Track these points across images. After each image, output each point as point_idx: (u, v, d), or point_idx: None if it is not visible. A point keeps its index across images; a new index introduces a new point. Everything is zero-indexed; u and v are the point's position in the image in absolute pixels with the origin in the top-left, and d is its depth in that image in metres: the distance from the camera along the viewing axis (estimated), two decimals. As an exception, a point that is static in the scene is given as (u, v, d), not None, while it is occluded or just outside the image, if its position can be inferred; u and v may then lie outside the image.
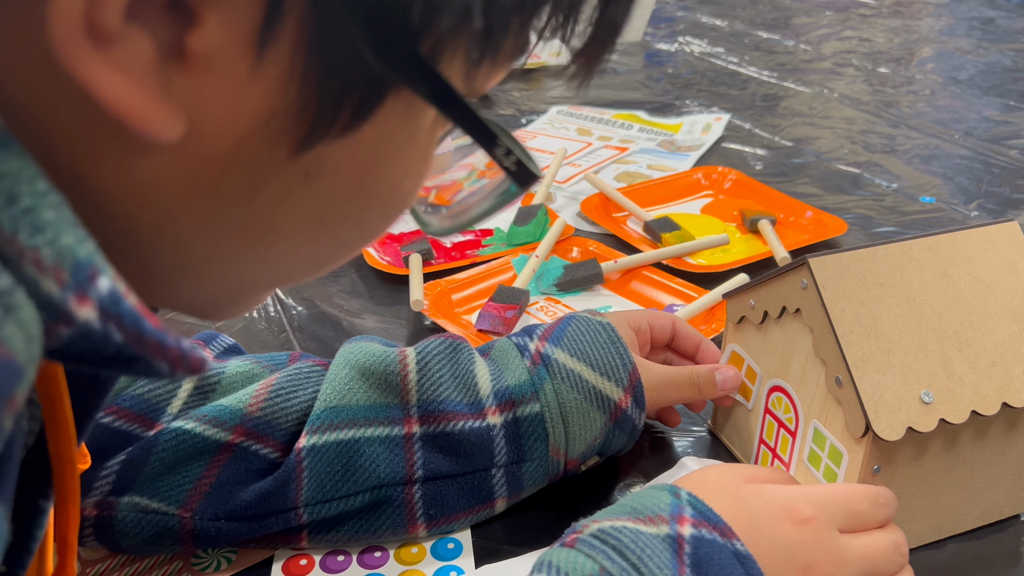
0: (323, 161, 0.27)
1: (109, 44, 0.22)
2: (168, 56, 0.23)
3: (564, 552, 0.41)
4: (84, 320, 0.22)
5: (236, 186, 0.26)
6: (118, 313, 0.22)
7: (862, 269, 0.51)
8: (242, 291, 0.33)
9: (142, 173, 0.25)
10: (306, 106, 0.25)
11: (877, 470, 0.50)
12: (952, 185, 1.07)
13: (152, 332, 0.23)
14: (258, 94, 0.24)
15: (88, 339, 0.22)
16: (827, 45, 1.67)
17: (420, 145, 0.30)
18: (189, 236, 0.27)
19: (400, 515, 0.53)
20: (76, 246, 0.22)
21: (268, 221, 0.28)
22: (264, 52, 0.24)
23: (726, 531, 0.42)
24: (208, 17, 0.22)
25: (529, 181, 0.31)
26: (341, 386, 0.53)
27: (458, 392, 0.54)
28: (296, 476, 0.51)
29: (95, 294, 0.22)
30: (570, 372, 0.55)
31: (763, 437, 0.59)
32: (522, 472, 0.55)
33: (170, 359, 0.23)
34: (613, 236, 0.92)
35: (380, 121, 0.27)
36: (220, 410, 0.52)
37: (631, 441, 0.58)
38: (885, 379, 0.48)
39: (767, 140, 1.21)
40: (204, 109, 0.24)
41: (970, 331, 0.51)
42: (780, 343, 0.55)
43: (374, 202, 0.30)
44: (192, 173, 0.25)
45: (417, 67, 0.26)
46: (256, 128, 0.25)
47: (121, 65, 0.22)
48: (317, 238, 0.30)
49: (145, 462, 0.50)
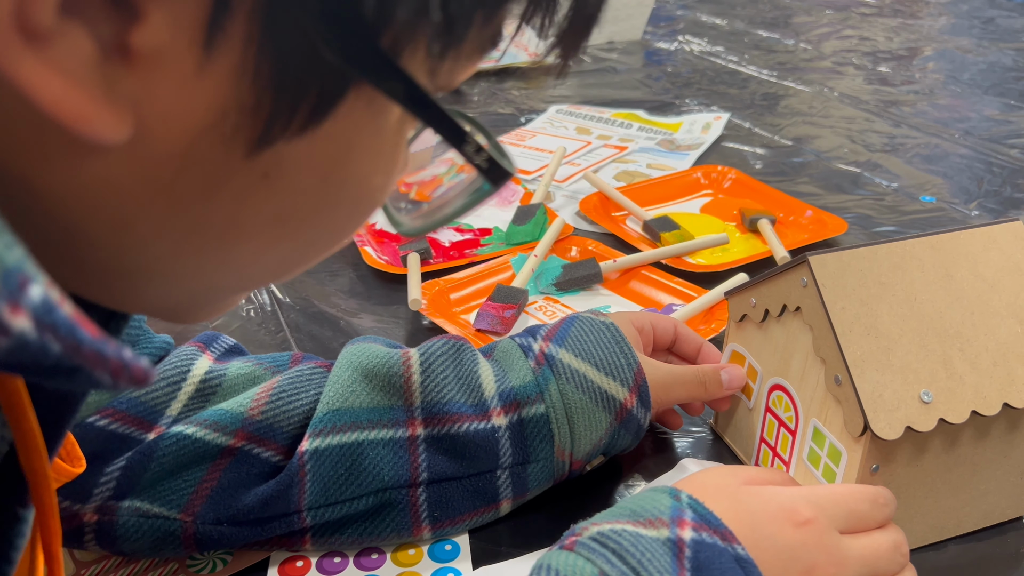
0: (282, 160, 0.26)
1: (43, 42, 0.20)
2: (111, 54, 0.22)
3: (563, 555, 0.41)
4: (20, 330, 0.20)
5: (192, 186, 0.25)
6: (52, 322, 0.21)
7: (863, 268, 0.50)
8: (209, 294, 0.32)
9: (92, 174, 0.24)
10: (260, 103, 0.24)
11: (876, 469, 0.49)
12: (952, 184, 1.07)
13: (90, 342, 0.22)
14: (209, 91, 0.23)
15: (26, 350, 0.21)
16: (827, 44, 1.67)
17: (387, 142, 0.29)
18: (147, 238, 0.26)
19: (404, 518, 0.52)
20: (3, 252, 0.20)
21: (229, 222, 0.27)
22: (212, 47, 0.22)
23: (727, 535, 0.41)
24: (152, 12, 0.21)
25: (502, 179, 0.30)
26: (344, 388, 0.52)
27: (462, 393, 0.54)
28: (299, 479, 0.50)
29: (27, 303, 0.20)
30: (575, 372, 0.55)
31: (764, 436, 0.58)
32: (527, 473, 0.55)
33: (111, 370, 0.22)
34: (612, 235, 0.92)
35: (341, 118, 0.26)
36: (221, 414, 0.51)
37: (636, 441, 0.58)
38: (884, 378, 0.48)
39: (767, 139, 1.21)
40: (153, 108, 0.23)
41: (972, 331, 0.51)
42: (781, 341, 0.55)
43: (341, 201, 0.29)
44: (145, 173, 0.24)
45: (376, 62, 0.24)
46: (209, 126, 0.24)
47: (58, 64, 0.21)
48: (283, 239, 0.29)
49: (146, 467, 0.50)
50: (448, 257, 0.87)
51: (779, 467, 0.57)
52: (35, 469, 0.31)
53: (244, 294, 0.34)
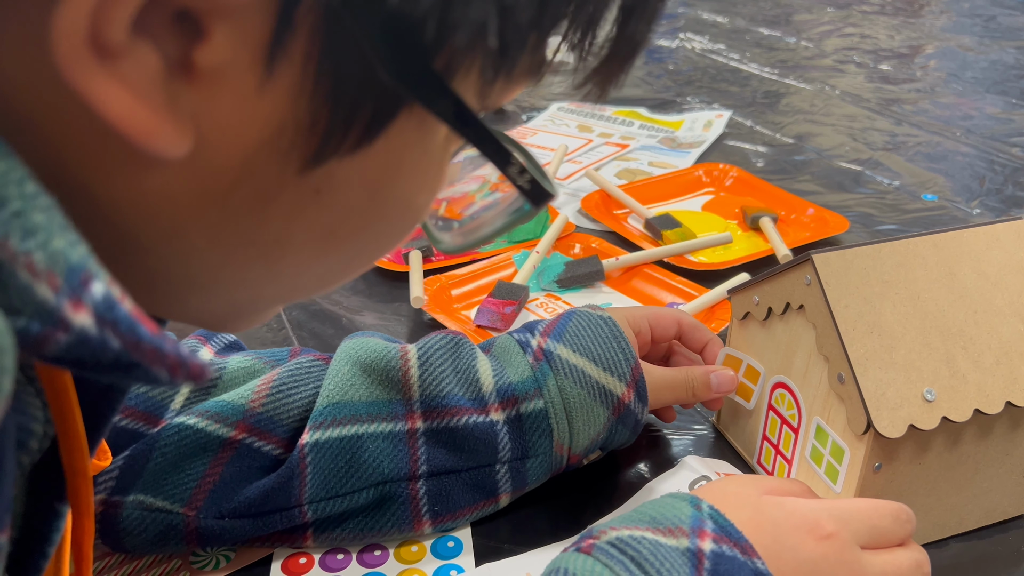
0: (334, 177, 0.26)
1: (114, 58, 0.21)
2: (175, 70, 0.23)
3: (580, 559, 0.40)
4: (80, 326, 0.21)
5: (245, 200, 0.26)
6: (113, 319, 0.21)
7: (866, 266, 0.50)
8: (252, 305, 0.33)
9: (150, 186, 0.25)
10: (316, 121, 0.24)
11: (878, 467, 0.49)
12: (954, 183, 1.07)
13: (149, 339, 0.22)
14: (267, 108, 0.24)
15: (86, 345, 0.21)
16: (829, 42, 1.67)
17: (433, 161, 0.29)
18: (198, 249, 0.27)
19: (405, 511, 0.53)
20: (68, 250, 0.21)
21: (278, 235, 0.28)
22: (274, 66, 0.23)
23: (747, 548, 0.41)
24: (217, 31, 0.22)
25: (543, 200, 0.30)
26: (343, 382, 0.53)
27: (460, 387, 0.54)
28: (300, 472, 0.50)
29: (89, 299, 0.21)
30: (573, 367, 0.55)
31: (766, 434, 0.58)
32: (526, 468, 0.55)
33: (169, 366, 0.23)
34: (614, 233, 0.92)
35: (392, 137, 0.26)
36: (222, 406, 0.51)
37: (633, 435, 0.58)
38: (887, 376, 0.48)
39: (768, 137, 1.21)
40: (212, 123, 0.24)
41: (975, 329, 0.51)
42: (784, 339, 0.55)
43: (386, 217, 0.30)
44: (201, 186, 0.25)
45: (430, 84, 0.25)
46: (265, 142, 0.25)
47: (126, 80, 0.22)
48: (328, 253, 0.30)
49: (148, 458, 0.50)
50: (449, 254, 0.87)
51: (781, 465, 0.57)
52: (76, 468, 0.31)
53: (283, 305, 0.35)
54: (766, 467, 0.59)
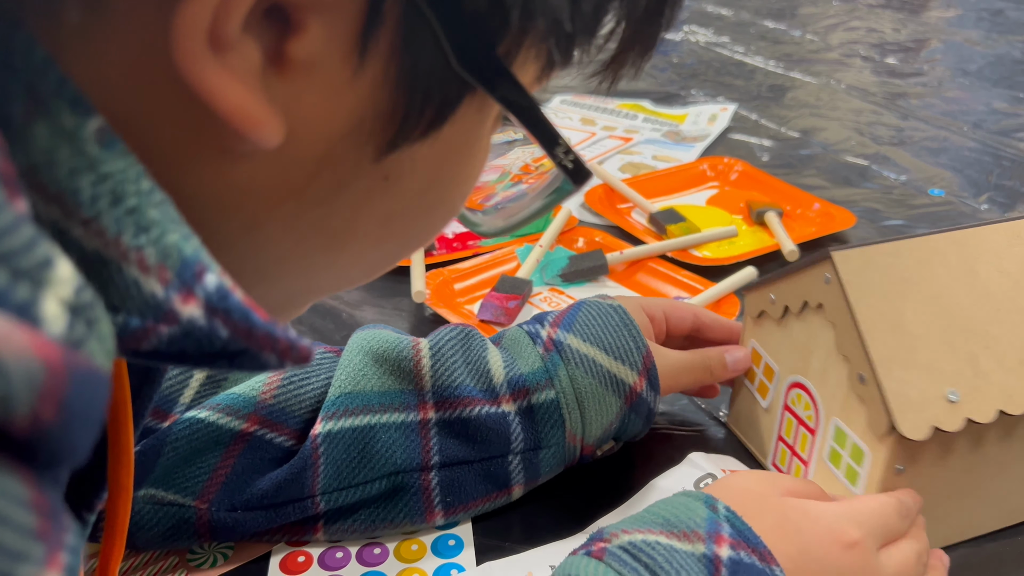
0: (402, 163, 0.27)
1: (227, 52, 0.22)
2: (270, 62, 0.23)
3: (591, 564, 0.39)
4: (188, 317, 0.22)
5: (322, 189, 0.26)
6: (226, 308, 0.22)
7: (887, 264, 0.49)
8: (304, 295, 0.33)
9: (235, 179, 0.25)
10: (395, 110, 0.25)
11: (901, 470, 0.48)
12: (961, 178, 1.06)
13: (262, 325, 0.23)
14: (352, 99, 0.25)
15: (191, 336, 0.22)
16: (834, 35, 1.66)
17: (484, 145, 0.30)
18: (273, 239, 0.27)
19: (417, 502, 0.52)
20: (182, 243, 0.22)
21: (346, 223, 0.28)
22: (364, 57, 0.24)
23: (766, 555, 0.40)
24: (310, 24, 0.23)
25: (584, 178, 0.31)
26: (355, 372, 0.52)
27: (472, 378, 0.54)
28: (312, 463, 0.50)
29: (202, 291, 0.22)
30: (584, 357, 0.54)
31: (781, 434, 0.57)
32: (539, 459, 0.54)
33: (280, 351, 0.23)
34: (617, 227, 0.91)
35: (457, 122, 0.27)
36: (234, 398, 0.51)
37: (647, 425, 0.57)
38: (910, 377, 0.47)
39: (773, 131, 1.19)
40: (300, 114, 0.24)
41: (998, 328, 0.49)
42: (801, 339, 0.54)
43: (443, 201, 0.30)
44: (283, 177, 0.26)
45: (495, 71, 0.26)
46: (347, 132, 0.25)
47: (237, 72, 0.22)
48: (386, 239, 0.30)
49: (159, 453, 0.49)
50: (451, 249, 0.86)
51: (798, 466, 0.56)
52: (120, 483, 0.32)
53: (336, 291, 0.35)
54: (781, 468, 0.58)
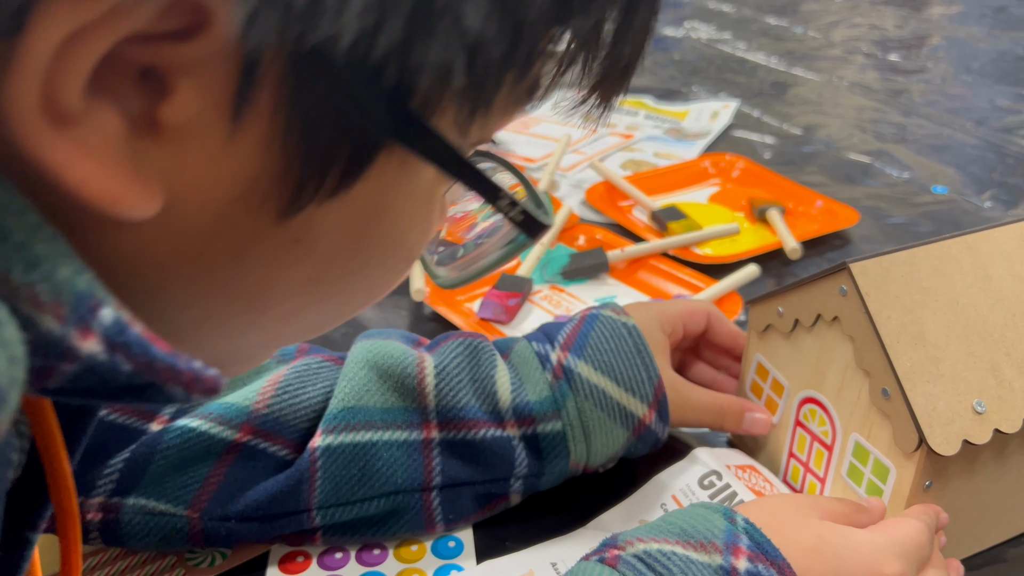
0: (312, 224, 0.25)
1: (71, 124, 0.20)
2: (140, 129, 0.21)
3: (605, 572, 0.39)
4: (88, 353, 0.20)
5: (222, 254, 0.25)
6: (124, 342, 0.21)
7: (903, 273, 0.48)
8: (243, 352, 0.32)
9: (124, 245, 0.24)
10: (289, 170, 0.23)
11: (929, 486, 0.47)
12: (964, 175, 1.05)
13: (163, 357, 0.22)
14: (238, 160, 0.23)
15: (94, 372, 0.21)
16: (836, 32, 1.65)
17: (421, 200, 0.28)
18: (182, 302, 0.26)
19: (419, 520, 0.51)
20: (74, 278, 0.20)
21: (260, 286, 0.27)
22: (241, 118, 0.22)
23: (784, 568, 0.39)
24: (181, 86, 0.21)
25: (538, 231, 0.29)
26: (359, 386, 0.51)
27: (477, 400, 0.53)
28: (310, 476, 0.49)
29: (98, 326, 0.21)
30: (594, 388, 0.53)
31: (793, 451, 0.56)
32: (540, 482, 0.54)
33: (184, 382, 0.22)
34: (618, 225, 0.90)
35: (373, 179, 0.25)
36: (226, 407, 0.50)
37: (654, 449, 0.57)
38: (936, 390, 0.45)
39: (776, 128, 1.19)
40: (182, 179, 0.23)
41: (1015, 334, 0.48)
42: (814, 353, 0.52)
43: (375, 260, 0.29)
44: (175, 243, 0.24)
45: (406, 123, 0.24)
46: (238, 195, 0.23)
47: (86, 145, 0.20)
48: (317, 300, 0.29)
49: (149, 460, 0.48)
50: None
51: (812, 483, 0.54)
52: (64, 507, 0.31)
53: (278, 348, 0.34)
54: (793, 485, 0.56)
